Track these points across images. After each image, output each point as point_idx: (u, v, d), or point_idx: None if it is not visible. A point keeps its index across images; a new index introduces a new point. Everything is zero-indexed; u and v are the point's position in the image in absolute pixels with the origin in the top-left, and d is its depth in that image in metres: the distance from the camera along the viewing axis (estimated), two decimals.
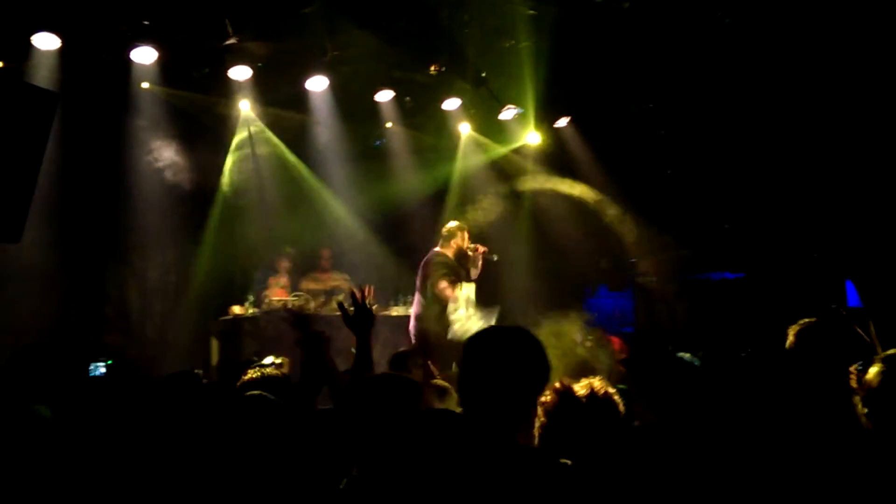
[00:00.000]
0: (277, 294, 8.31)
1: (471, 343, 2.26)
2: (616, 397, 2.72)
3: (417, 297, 7.20)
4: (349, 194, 9.43)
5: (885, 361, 2.56)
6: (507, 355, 2.19)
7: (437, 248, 7.23)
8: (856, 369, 2.68)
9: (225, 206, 8.76)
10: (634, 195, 9.41)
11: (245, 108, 8.50)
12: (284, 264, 8.68)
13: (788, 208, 8.66)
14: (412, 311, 7.27)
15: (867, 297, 8.21)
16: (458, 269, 7.11)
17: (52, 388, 3.12)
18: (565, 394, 2.65)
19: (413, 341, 6.99)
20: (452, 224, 7.33)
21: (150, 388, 3.31)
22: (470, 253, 7.20)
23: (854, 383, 2.67)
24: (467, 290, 6.95)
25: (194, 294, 8.41)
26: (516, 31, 7.60)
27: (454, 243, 7.18)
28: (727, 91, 8.01)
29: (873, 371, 2.56)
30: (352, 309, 3.29)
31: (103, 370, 3.76)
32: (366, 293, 3.30)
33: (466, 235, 7.26)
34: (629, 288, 10.44)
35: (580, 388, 2.68)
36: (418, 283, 7.16)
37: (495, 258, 7.28)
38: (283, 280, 8.58)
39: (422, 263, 7.20)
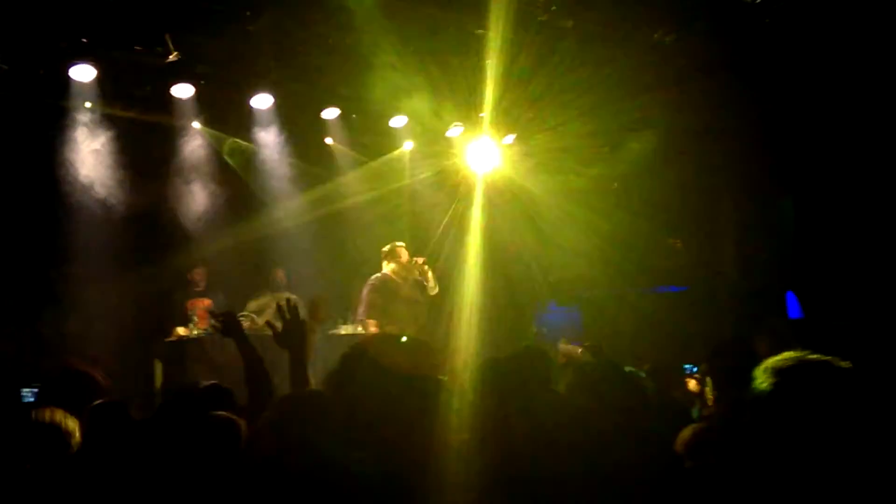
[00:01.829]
0: (200, 315, 8.14)
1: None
2: None
3: None
4: (296, 209, 9.35)
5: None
6: None
7: (380, 272, 7.34)
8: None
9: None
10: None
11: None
12: (199, 279, 8.45)
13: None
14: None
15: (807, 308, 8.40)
16: (397, 288, 7.17)
17: None
18: None
19: None
20: (388, 246, 7.42)
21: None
22: (415, 269, 7.26)
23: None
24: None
25: (132, 315, 8.21)
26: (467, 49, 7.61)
27: (395, 262, 7.29)
28: None
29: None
30: (279, 325, 3.18)
31: (31, 397, 3.63)
32: (291, 304, 3.17)
33: (404, 252, 7.34)
34: (578, 302, 10.55)
35: None
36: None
37: None
38: (205, 301, 8.39)
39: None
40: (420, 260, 7.35)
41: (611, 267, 9.58)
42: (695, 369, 5.14)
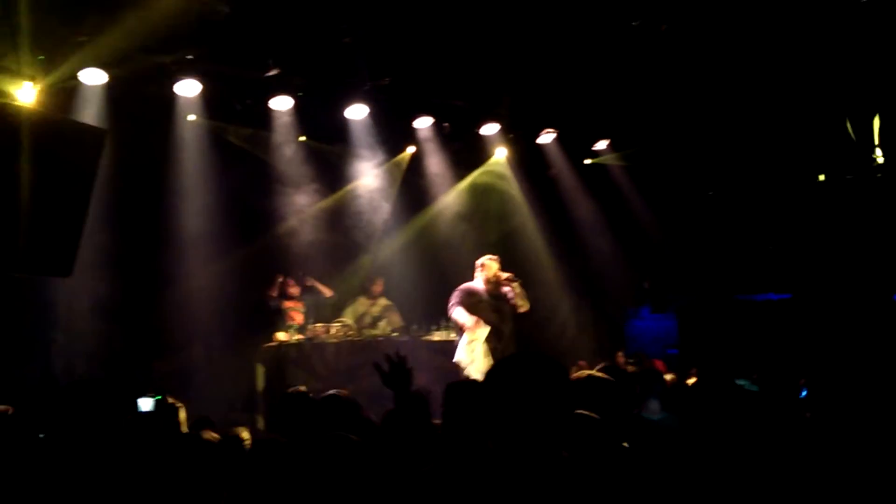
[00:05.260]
0: (294, 318, 8.37)
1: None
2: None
3: None
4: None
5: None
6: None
7: (470, 283, 7.39)
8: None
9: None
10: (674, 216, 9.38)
11: None
12: (295, 289, 8.64)
13: (831, 226, 8.53)
14: None
15: None
16: (480, 300, 7.19)
17: (100, 426, 3.17)
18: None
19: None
20: (480, 259, 7.44)
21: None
22: (502, 284, 7.25)
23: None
24: (480, 333, 7.09)
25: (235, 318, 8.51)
26: None
27: (483, 276, 7.30)
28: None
29: None
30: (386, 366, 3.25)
31: (150, 407, 3.78)
32: (404, 358, 3.27)
33: (495, 266, 7.31)
34: (671, 309, 10.32)
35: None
36: None
37: None
38: (301, 305, 8.59)
39: None
40: (506, 275, 7.29)
41: (708, 273, 9.38)
42: None
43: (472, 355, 7.02)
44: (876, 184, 7.97)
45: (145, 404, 3.85)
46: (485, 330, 7.08)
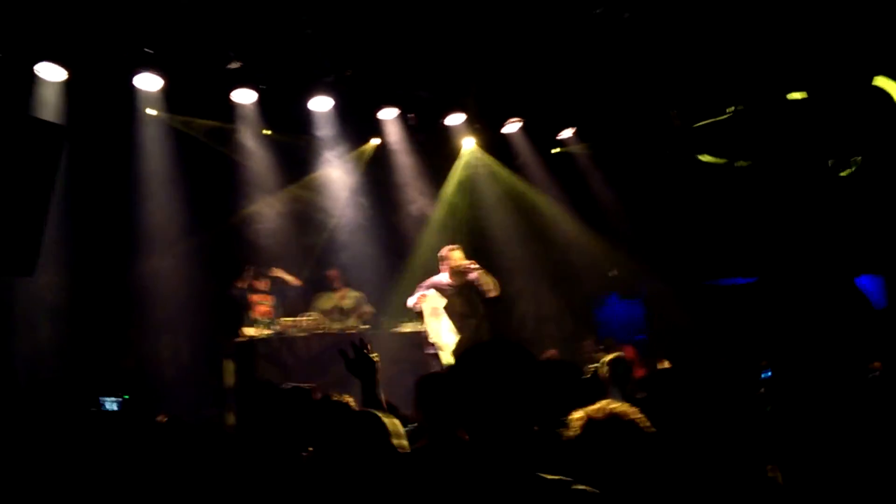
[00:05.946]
0: (263, 312, 8.31)
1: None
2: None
3: None
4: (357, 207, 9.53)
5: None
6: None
7: (436, 276, 7.37)
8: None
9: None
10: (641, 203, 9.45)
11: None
12: (262, 282, 8.52)
13: (799, 209, 8.63)
14: None
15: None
16: (445, 293, 7.18)
17: (62, 425, 3.13)
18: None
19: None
20: (443, 250, 7.42)
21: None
22: (467, 272, 7.22)
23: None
24: (431, 302, 7.09)
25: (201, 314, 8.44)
26: None
27: (446, 266, 7.28)
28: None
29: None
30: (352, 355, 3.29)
31: (115, 406, 3.70)
32: (367, 346, 3.31)
33: (457, 255, 7.28)
34: (640, 296, 10.42)
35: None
36: None
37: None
38: (268, 299, 8.53)
39: None
40: (469, 263, 7.25)
41: (673, 258, 9.47)
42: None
43: (439, 334, 7.00)
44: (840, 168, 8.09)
45: (110, 404, 3.81)
46: (438, 299, 7.08)
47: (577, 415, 2.55)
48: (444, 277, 7.30)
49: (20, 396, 3.16)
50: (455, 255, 7.28)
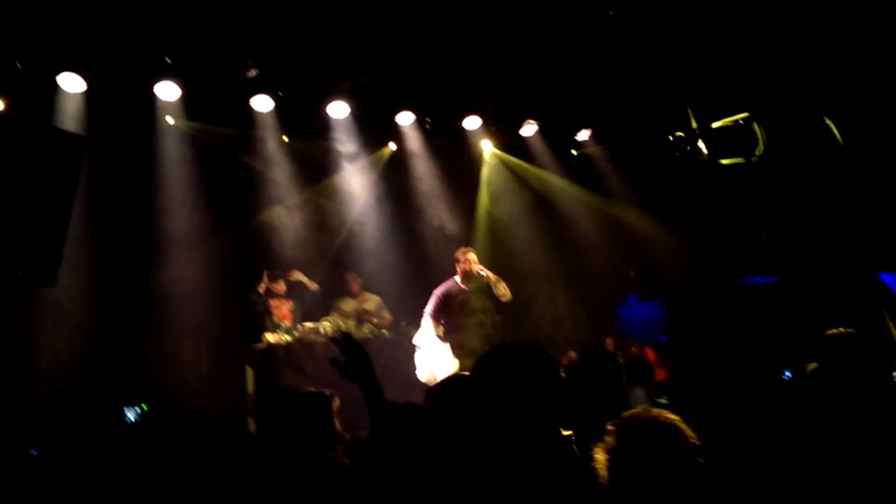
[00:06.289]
0: (283, 316, 8.32)
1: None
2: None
3: None
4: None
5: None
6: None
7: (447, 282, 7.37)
8: None
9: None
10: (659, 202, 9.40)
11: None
12: (280, 286, 8.46)
13: (820, 209, 8.55)
14: None
15: None
16: (460, 299, 7.17)
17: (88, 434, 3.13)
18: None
19: None
20: (458, 252, 7.42)
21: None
22: (480, 277, 7.21)
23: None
24: (426, 328, 7.20)
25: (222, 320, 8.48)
26: None
27: (459, 269, 7.29)
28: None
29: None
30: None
31: (134, 416, 3.68)
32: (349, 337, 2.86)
33: (470, 259, 7.27)
34: (660, 297, 10.35)
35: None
36: None
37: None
38: (288, 303, 8.51)
39: None
40: (480, 268, 7.24)
41: (694, 258, 9.40)
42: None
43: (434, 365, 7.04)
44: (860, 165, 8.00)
45: (130, 413, 3.79)
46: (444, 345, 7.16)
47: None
48: (458, 282, 7.31)
49: (42, 405, 3.17)
50: (467, 259, 7.31)
